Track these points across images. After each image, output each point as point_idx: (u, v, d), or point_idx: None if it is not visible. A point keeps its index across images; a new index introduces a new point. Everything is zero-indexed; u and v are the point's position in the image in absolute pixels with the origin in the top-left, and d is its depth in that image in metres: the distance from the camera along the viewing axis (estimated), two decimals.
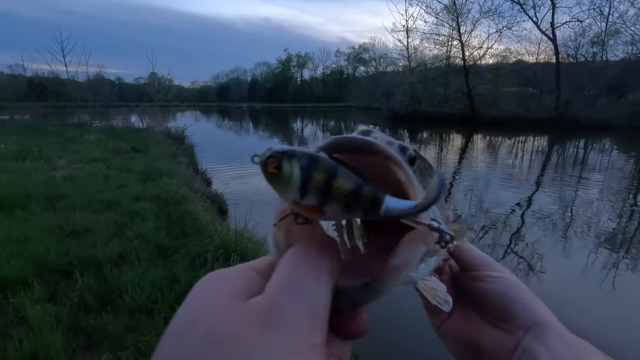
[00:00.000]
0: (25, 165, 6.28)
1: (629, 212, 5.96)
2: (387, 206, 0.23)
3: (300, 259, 0.23)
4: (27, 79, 19.65)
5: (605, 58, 25.43)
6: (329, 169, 0.21)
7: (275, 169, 0.21)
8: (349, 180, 0.22)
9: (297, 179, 0.21)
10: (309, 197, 0.21)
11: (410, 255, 0.25)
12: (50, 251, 2.87)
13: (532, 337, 0.36)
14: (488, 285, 0.40)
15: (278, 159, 0.21)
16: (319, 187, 0.21)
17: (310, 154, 0.22)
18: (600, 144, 15.75)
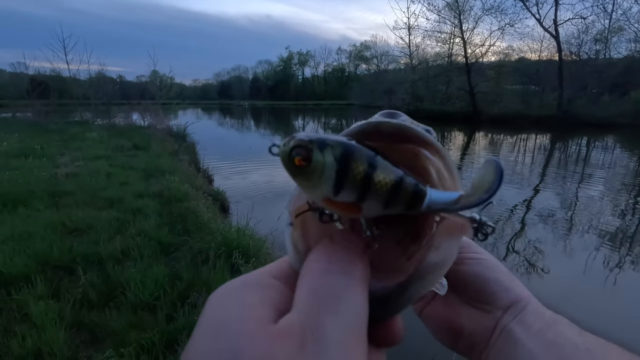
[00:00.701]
0: (28, 162, 6.29)
1: (631, 210, 5.94)
2: (431, 199, 0.20)
3: (329, 263, 0.20)
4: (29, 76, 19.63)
5: (608, 55, 25.30)
6: (369, 159, 0.19)
7: (304, 161, 0.18)
8: (390, 171, 0.19)
9: (332, 172, 0.18)
10: (345, 192, 0.19)
11: (452, 250, 0.23)
12: (53, 248, 2.88)
13: (510, 316, 0.36)
14: (467, 268, 0.39)
15: (307, 149, 0.18)
16: (358, 180, 0.19)
17: (344, 142, 0.19)
18: (603, 141, 15.68)
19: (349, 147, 0.19)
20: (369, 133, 0.23)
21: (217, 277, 2.53)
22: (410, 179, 0.20)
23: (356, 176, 0.18)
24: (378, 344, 0.23)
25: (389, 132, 0.23)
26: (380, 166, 0.19)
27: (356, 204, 0.19)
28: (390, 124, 0.23)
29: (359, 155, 0.19)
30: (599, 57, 25.25)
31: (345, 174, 0.18)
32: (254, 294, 0.19)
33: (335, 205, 0.20)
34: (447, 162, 0.24)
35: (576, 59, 25.21)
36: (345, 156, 0.18)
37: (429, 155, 0.24)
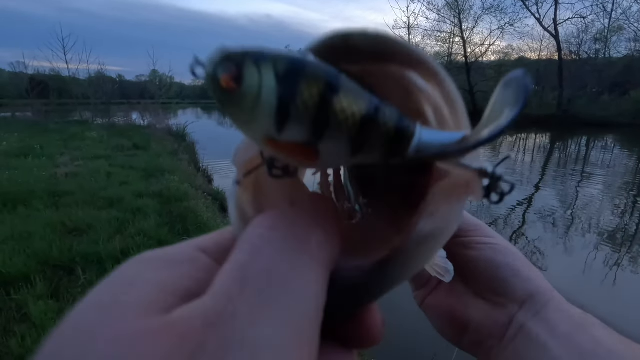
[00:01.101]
0: (28, 162, 6.29)
1: (631, 209, 5.94)
2: (422, 140, 0.15)
3: (276, 232, 0.14)
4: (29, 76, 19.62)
5: (608, 55, 25.27)
6: (327, 79, 0.13)
7: (233, 82, 0.13)
8: (360, 98, 0.14)
9: (272, 96, 0.13)
10: (292, 127, 0.13)
11: (451, 217, 0.17)
12: (53, 248, 2.87)
13: (527, 312, 0.31)
14: (476, 253, 0.35)
15: (237, 64, 0.13)
16: (310, 108, 0.13)
17: (291, 56, 0.13)
18: (602, 141, 15.68)
19: (298, 62, 0.13)
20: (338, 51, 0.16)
21: None
22: (391, 110, 0.14)
23: (307, 102, 0.13)
24: (347, 344, 0.17)
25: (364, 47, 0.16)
26: (344, 89, 0.13)
27: (310, 145, 0.14)
28: (366, 34, 0.16)
29: (312, 72, 0.13)
30: (599, 56, 25.23)
31: (291, 99, 0.13)
32: (158, 271, 0.14)
33: (282, 148, 0.14)
34: (447, 91, 0.18)
35: (576, 59, 25.20)
36: (291, 74, 0.13)
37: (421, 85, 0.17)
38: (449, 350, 2.17)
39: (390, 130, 0.14)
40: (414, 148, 0.15)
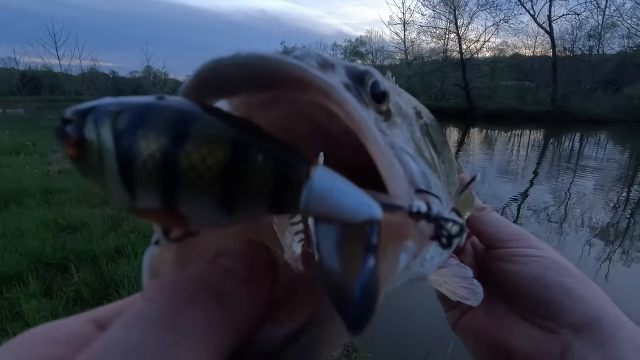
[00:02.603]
0: (20, 159, 6.22)
1: (623, 204, 6.00)
2: (314, 192, 0.12)
3: (153, 305, 0.12)
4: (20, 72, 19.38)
5: (601, 51, 25.44)
6: (172, 125, 0.11)
7: (77, 148, 0.11)
8: (220, 140, 0.11)
9: (112, 161, 0.11)
10: (142, 193, 0.11)
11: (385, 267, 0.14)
12: (46, 246, 2.85)
13: (588, 343, 0.25)
14: (520, 267, 0.30)
15: (78, 126, 0.11)
16: (152, 170, 0.11)
17: (135, 104, 0.11)
18: (596, 137, 15.82)
19: (139, 113, 0.11)
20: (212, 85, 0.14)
21: None
22: (272, 152, 0.12)
23: (148, 163, 0.10)
24: None
25: (237, 76, 0.14)
26: (196, 138, 0.11)
27: (170, 211, 0.11)
28: (234, 60, 0.13)
29: (153, 121, 0.11)
30: (593, 53, 25.39)
31: (131, 162, 0.11)
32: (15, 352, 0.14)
33: (147, 215, 0.12)
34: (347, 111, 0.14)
35: (570, 55, 25.35)
36: (130, 131, 0.11)
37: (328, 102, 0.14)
38: (443, 346, 2.19)
39: (267, 179, 0.12)
40: (303, 202, 0.12)
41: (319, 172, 0.12)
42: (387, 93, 0.20)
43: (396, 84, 0.40)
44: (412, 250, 0.15)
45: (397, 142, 0.20)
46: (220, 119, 0.12)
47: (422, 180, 0.19)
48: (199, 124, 0.11)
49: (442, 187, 0.22)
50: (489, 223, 0.33)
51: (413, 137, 0.22)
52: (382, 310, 0.21)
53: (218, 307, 0.13)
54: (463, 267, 0.30)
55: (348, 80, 0.19)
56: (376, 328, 2.36)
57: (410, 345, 2.37)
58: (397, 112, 0.22)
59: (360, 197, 0.12)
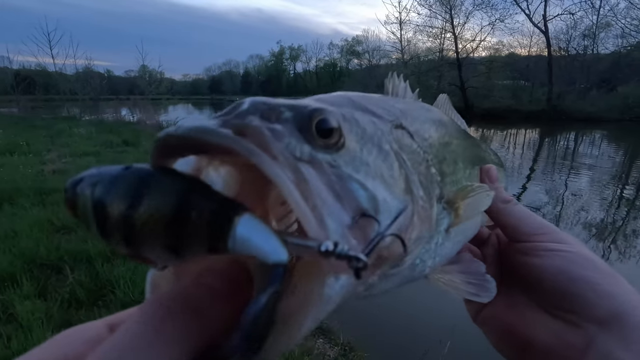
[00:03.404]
0: (14, 159, 6.15)
1: (617, 202, 6.05)
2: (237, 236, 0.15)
3: (140, 324, 0.16)
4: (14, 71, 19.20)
5: (596, 51, 25.63)
6: (128, 192, 0.15)
7: (71, 208, 0.16)
8: (163, 202, 0.15)
9: (91, 217, 0.15)
10: (116, 244, 0.15)
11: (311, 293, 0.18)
12: (40, 246, 2.81)
13: (613, 338, 0.25)
14: (545, 261, 0.29)
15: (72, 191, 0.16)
16: (115, 223, 0.15)
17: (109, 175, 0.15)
18: (590, 136, 15.94)
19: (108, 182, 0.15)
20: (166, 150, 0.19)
21: None
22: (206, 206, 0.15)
23: (112, 222, 0.15)
24: None
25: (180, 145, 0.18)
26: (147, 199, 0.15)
27: (136, 253, 0.16)
28: (175, 136, 0.18)
29: (116, 191, 0.15)
30: (587, 52, 25.57)
31: (104, 223, 0.15)
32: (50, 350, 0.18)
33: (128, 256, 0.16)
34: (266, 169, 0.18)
35: (565, 55, 25.51)
36: (101, 197, 0.15)
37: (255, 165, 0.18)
38: (441, 345, 2.19)
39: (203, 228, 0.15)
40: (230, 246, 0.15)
41: (242, 222, 0.15)
42: (334, 128, 0.23)
43: (406, 82, 0.41)
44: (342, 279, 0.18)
45: (344, 172, 0.22)
46: (168, 181, 0.15)
47: (369, 204, 0.21)
48: (149, 190, 0.15)
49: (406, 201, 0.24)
50: (513, 216, 0.33)
51: (374, 160, 0.24)
52: (379, 310, 0.21)
53: (194, 319, 0.17)
54: (476, 262, 0.31)
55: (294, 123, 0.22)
56: (374, 327, 2.36)
57: (408, 344, 2.37)
58: (356, 138, 0.24)
59: (273, 243, 0.16)
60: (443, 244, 0.29)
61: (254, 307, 0.15)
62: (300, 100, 0.25)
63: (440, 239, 0.28)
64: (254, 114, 0.21)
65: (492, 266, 0.35)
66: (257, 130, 0.19)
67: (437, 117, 0.39)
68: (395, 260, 0.22)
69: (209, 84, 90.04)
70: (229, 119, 0.21)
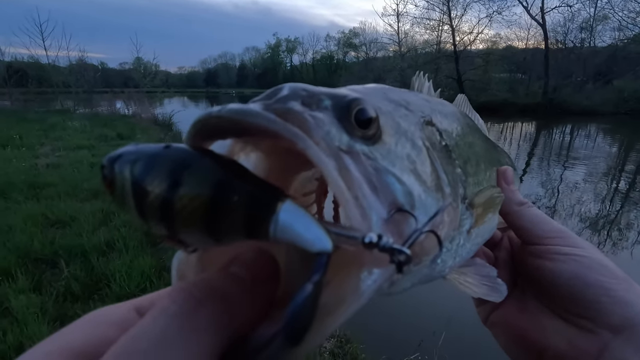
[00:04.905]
0: (6, 152, 6.08)
1: (611, 194, 6.10)
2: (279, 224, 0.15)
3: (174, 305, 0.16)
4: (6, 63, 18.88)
5: (593, 44, 25.62)
6: (170, 172, 0.14)
7: (109, 187, 0.15)
8: (205, 184, 0.14)
9: (129, 194, 0.14)
10: (153, 224, 0.15)
11: (346, 287, 0.17)
12: (35, 241, 2.80)
13: (628, 345, 0.24)
14: (559, 265, 0.29)
15: (109, 169, 0.15)
16: (154, 208, 0.14)
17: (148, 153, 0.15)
18: (586, 129, 16.01)
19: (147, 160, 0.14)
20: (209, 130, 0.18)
21: None
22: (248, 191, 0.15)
23: (152, 204, 0.14)
24: None
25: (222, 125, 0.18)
26: (188, 180, 0.14)
27: (173, 235, 0.15)
28: (217, 116, 0.17)
29: (157, 170, 0.14)
30: (584, 45, 25.57)
31: (142, 202, 0.14)
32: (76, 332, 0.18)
33: (161, 238, 0.16)
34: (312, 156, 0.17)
35: (562, 48, 25.50)
36: (140, 175, 0.14)
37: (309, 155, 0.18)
38: (435, 336, 2.21)
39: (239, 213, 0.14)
40: (271, 233, 0.15)
41: (284, 208, 0.15)
42: (372, 118, 0.22)
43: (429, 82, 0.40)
44: (375, 273, 0.17)
45: (381, 164, 0.22)
46: (210, 164, 0.15)
47: (405, 199, 0.21)
48: (190, 172, 0.14)
49: (438, 199, 0.24)
50: (528, 219, 0.33)
51: (408, 154, 0.24)
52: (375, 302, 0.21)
53: (223, 309, 0.17)
54: (487, 267, 0.31)
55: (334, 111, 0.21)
56: (369, 319, 2.38)
57: (403, 335, 2.39)
58: (392, 131, 0.24)
59: (317, 231, 0.15)
60: (464, 245, 0.29)
61: (300, 296, 0.14)
62: (337, 89, 0.25)
63: (461, 240, 0.28)
64: (295, 100, 0.21)
65: (505, 269, 0.35)
66: (300, 116, 0.19)
67: (462, 118, 0.40)
68: (428, 258, 0.22)
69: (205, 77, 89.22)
70: (270, 103, 0.20)
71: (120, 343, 0.15)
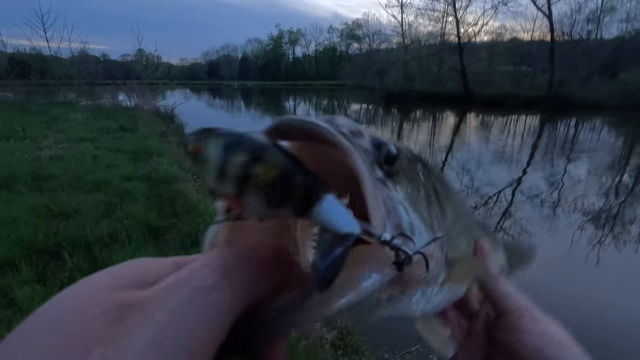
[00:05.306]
0: (9, 145, 6.10)
1: (614, 190, 6.06)
2: (319, 210, 0.19)
3: (206, 267, 0.19)
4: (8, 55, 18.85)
5: (599, 36, 25.26)
6: (253, 150, 0.18)
7: (197, 150, 0.19)
8: (277, 165, 0.18)
9: (216, 159, 0.18)
10: (225, 182, 0.18)
11: (351, 284, 0.21)
12: (38, 232, 2.81)
13: None
14: (524, 340, 0.32)
15: (200, 138, 0.19)
16: (234, 169, 0.18)
17: (236, 133, 0.19)
18: (591, 123, 15.87)
19: (239, 138, 0.19)
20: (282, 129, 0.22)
21: None
22: (305, 178, 0.19)
23: (234, 166, 0.18)
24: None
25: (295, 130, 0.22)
26: (266, 158, 0.18)
27: (237, 196, 0.19)
28: (295, 121, 0.22)
29: (246, 145, 0.18)
30: (591, 37, 25.21)
31: (227, 164, 0.18)
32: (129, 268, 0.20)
33: (224, 196, 0.20)
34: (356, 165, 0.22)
35: (568, 40, 25.15)
36: (229, 146, 0.18)
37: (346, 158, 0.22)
38: None
39: (298, 192, 0.19)
40: (314, 213, 0.19)
41: (327, 198, 0.19)
42: (397, 158, 0.28)
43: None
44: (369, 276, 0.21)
45: (395, 196, 0.26)
46: (280, 153, 0.19)
47: (408, 228, 0.25)
48: (267, 154, 0.19)
49: (431, 236, 0.29)
50: (499, 292, 0.36)
51: (414, 196, 0.29)
52: None
53: (251, 276, 0.20)
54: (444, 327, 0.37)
55: (370, 145, 0.27)
56: None
57: (403, 328, 2.41)
58: (406, 175, 0.29)
59: (349, 219, 0.19)
60: (436, 295, 0.32)
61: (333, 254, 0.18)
62: None
63: (435, 289, 0.32)
64: (347, 128, 0.26)
65: (478, 340, 0.37)
66: (351, 138, 0.24)
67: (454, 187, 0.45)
68: (414, 281, 0.26)
69: (207, 69, 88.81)
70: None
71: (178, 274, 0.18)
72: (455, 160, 8.36)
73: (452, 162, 8.21)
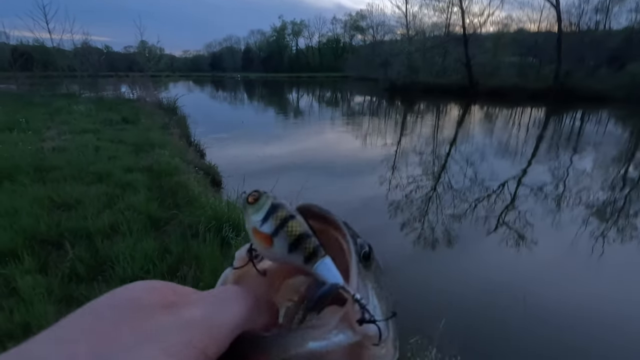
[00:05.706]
0: (12, 136, 6.12)
1: (620, 184, 6.00)
2: (321, 265, 0.26)
3: (228, 288, 0.26)
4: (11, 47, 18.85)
5: (608, 27, 24.79)
6: (290, 213, 0.26)
7: (253, 200, 0.27)
8: (302, 226, 0.26)
9: (266, 208, 0.26)
10: (267, 224, 0.26)
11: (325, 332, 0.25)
12: (40, 223, 2.83)
13: None
14: None
15: (258, 194, 0.27)
16: (277, 219, 0.26)
17: (280, 200, 0.27)
18: (597, 115, 15.67)
19: (282, 203, 0.27)
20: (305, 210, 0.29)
21: (207, 251, 2.52)
22: (315, 240, 0.26)
23: (278, 216, 0.26)
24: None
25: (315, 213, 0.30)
26: (296, 220, 0.26)
27: (270, 236, 0.26)
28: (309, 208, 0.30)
29: (285, 208, 0.27)
30: (599, 28, 24.74)
31: (272, 212, 0.26)
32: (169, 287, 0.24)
33: (258, 235, 0.26)
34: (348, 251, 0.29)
35: (575, 30, 24.70)
36: (275, 205, 0.26)
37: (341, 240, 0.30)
38: (436, 321, 2.22)
39: (310, 248, 0.26)
40: (314, 267, 0.26)
41: (327, 259, 0.26)
42: (371, 257, 0.33)
43: None
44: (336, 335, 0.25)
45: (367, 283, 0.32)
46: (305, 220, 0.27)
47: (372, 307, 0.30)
48: (297, 217, 0.27)
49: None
50: None
51: (380, 293, 0.34)
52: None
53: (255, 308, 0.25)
54: None
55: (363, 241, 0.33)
56: None
57: (403, 321, 2.40)
58: (375, 275, 0.34)
59: (338, 276, 0.26)
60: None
61: (325, 287, 0.25)
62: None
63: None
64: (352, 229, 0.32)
65: None
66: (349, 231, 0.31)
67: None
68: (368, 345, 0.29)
69: (210, 61, 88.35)
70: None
71: (207, 292, 0.24)
72: (459, 153, 8.29)
73: (456, 154, 8.15)
